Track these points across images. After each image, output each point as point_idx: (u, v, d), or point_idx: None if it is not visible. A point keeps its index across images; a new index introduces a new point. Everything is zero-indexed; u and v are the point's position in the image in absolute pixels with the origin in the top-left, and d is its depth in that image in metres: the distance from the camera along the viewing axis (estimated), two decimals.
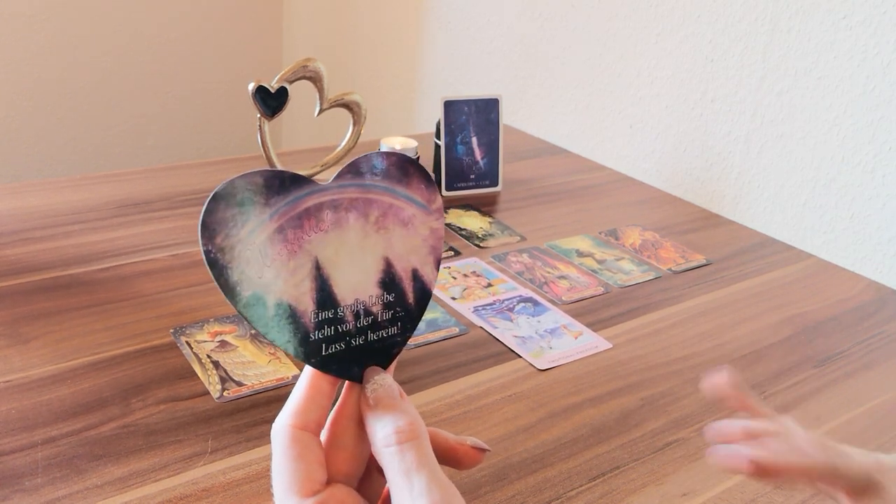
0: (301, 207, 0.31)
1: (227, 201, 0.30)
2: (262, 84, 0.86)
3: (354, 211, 0.33)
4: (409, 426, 0.30)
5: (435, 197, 0.35)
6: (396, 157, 0.34)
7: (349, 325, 0.33)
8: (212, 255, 0.30)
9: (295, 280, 0.31)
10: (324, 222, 0.32)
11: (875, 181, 0.94)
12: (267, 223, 0.31)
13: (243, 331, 0.70)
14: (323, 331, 0.32)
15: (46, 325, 0.68)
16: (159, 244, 0.85)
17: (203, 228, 0.30)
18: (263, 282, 0.31)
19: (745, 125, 1.08)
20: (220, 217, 0.30)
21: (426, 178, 0.35)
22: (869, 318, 0.84)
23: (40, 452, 0.54)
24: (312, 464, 0.31)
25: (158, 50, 1.96)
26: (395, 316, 0.34)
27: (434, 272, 0.35)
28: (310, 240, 0.32)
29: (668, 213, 1.08)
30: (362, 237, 0.33)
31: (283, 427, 0.31)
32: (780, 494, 0.57)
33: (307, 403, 0.32)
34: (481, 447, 0.35)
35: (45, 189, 0.95)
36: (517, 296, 0.81)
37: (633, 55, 1.22)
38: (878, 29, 0.92)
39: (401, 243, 0.34)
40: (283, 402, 0.62)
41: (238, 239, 0.30)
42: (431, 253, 0.35)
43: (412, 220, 0.34)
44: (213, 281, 0.30)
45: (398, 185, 0.34)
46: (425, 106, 1.66)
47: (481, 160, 1.07)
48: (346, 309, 0.33)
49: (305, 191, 0.31)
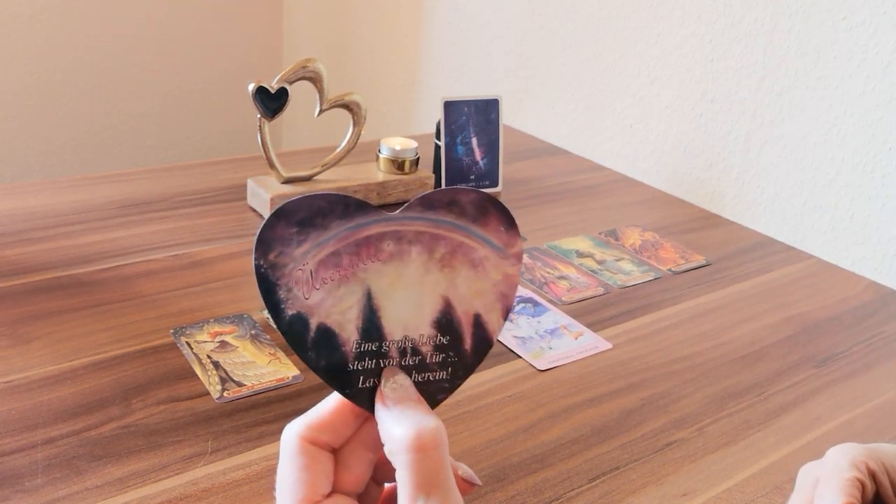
0: (361, 234, 0.30)
1: (287, 219, 0.29)
2: (262, 84, 0.86)
3: (419, 245, 0.31)
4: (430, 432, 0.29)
5: (515, 242, 0.33)
6: (476, 194, 0.32)
7: (392, 361, 0.31)
8: (262, 270, 0.29)
9: (342, 307, 0.30)
10: (383, 252, 0.31)
11: (875, 181, 0.94)
12: (324, 246, 0.30)
13: (243, 331, 0.70)
14: (363, 362, 0.31)
15: (47, 325, 0.68)
16: (160, 244, 0.85)
17: (259, 242, 0.29)
18: (309, 303, 0.30)
19: (745, 125, 1.08)
20: (279, 234, 0.29)
21: (507, 220, 0.33)
22: (869, 318, 0.84)
23: (40, 453, 0.54)
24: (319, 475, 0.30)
25: (158, 50, 1.96)
26: (446, 360, 0.32)
27: (500, 322, 0.33)
28: (365, 268, 0.30)
29: (668, 214, 1.08)
30: (423, 273, 0.31)
31: (293, 437, 0.31)
32: (780, 494, 0.57)
33: (326, 425, 0.31)
34: (473, 480, 0.33)
35: (45, 189, 0.95)
36: (517, 296, 0.81)
37: (633, 55, 1.22)
38: (878, 29, 0.92)
39: (466, 285, 0.32)
40: (283, 402, 0.62)
41: (292, 258, 0.30)
42: (500, 300, 0.33)
43: (483, 262, 0.32)
44: (260, 296, 0.30)
45: (473, 223, 0.32)
46: (425, 106, 1.66)
47: (481, 160, 1.07)
48: (391, 344, 0.31)
49: (369, 219, 0.30)
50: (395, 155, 0.98)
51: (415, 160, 1.00)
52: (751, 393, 0.69)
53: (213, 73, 2.06)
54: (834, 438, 0.64)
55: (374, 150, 1.01)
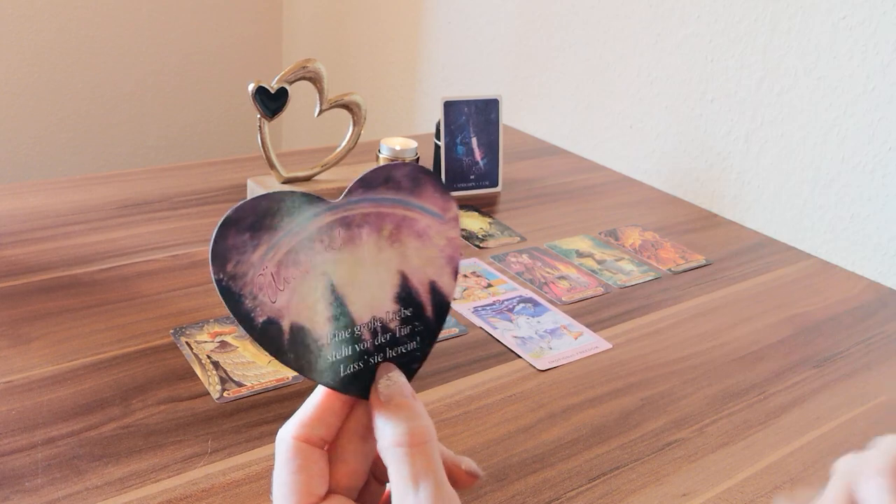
0: (312, 227, 0.30)
1: (236, 227, 0.29)
2: (262, 84, 0.86)
3: (367, 226, 0.32)
4: (420, 429, 0.29)
5: (450, 205, 0.34)
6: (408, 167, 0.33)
7: (367, 343, 0.32)
8: (224, 284, 0.29)
9: (309, 302, 0.31)
10: (336, 240, 0.31)
11: (875, 181, 0.94)
12: (277, 246, 0.30)
13: (243, 331, 0.70)
14: (340, 351, 0.31)
15: (47, 325, 0.68)
16: (160, 245, 0.85)
17: (214, 256, 0.29)
18: (277, 306, 0.30)
19: (745, 125, 1.08)
20: (231, 244, 0.29)
21: (440, 187, 0.34)
22: (869, 318, 0.84)
23: (40, 453, 0.54)
24: (313, 476, 0.30)
25: (159, 50, 1.96)
26: (413, 330, 0.33)
27: (452, 282, 0.34)
28: (323, 260, 0.31)
29: (667, 214, 1.08)
30: (376, 252, 0.32)
31: (286, 438, 0.31)
32: (779, 494, 0.57)
33: (316, 420, 0.31)
34: (475, 472, 0.34)
35: (45, 189, 0.95)
36: (517, 296, 0.81)
37: (633, 55, 1.22)
38: (878, 29, 0.92)
39: (416, 256, 0.33)
40: (282, 402, 0.62)
41: (250, 265, 0.29)
42: (449, 263, 0.34)
43: (427, 231, 0.33)
44: (228, 310, 0.29)
45: (410, 195, 0.33)
46: (425, 106, 1.66)
47: (481, 160, 1.07)
48: (362, 327, 0.32)
49: (315, 210, 0.30)
50: (395, 155, 0.98)
51: (415, 160, 1.00)
52: (751, 393, 0.69)
53: (214, 74, 2.06)
54: (834, 438, 0.64)
55: (374, 150, 1.01)
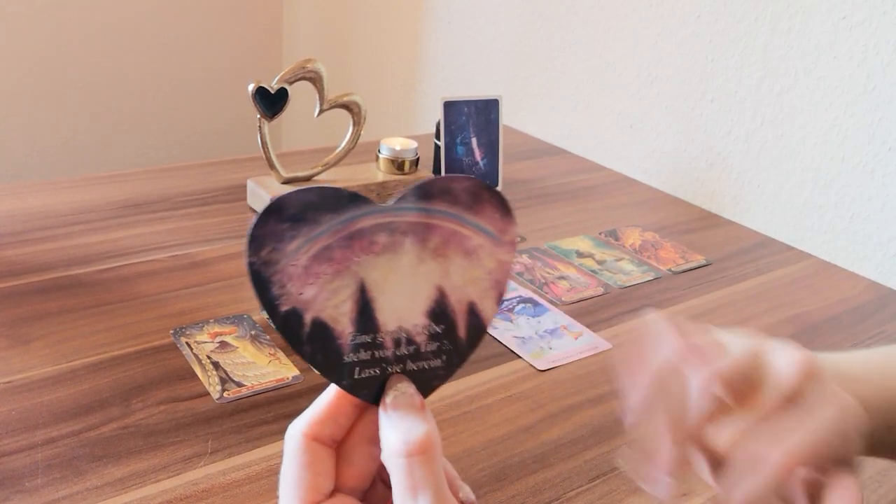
0: (354, 227, 0.30)
1: (279, 215, 0.29)
2: (262, 85, 0.86)
3: (412, 235, 0.31)
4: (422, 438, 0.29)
5: (509, 228, 0.32)
6: (470, 181, 0.32)
7: (387, 351, 0.31)
8: (255, 267, 0.29)
9: (336, 300, 0.30)
10: (376, 245, 0.30)
11: (875, 181, 0.94)
12: (316, 241, 0.30)
13: (243, 332, 0.70)
14: (358, 354, 0.31)
15: (47, 325, 0.68)
16: (160, 245, 0.85)
17: (251, 240, 0.29)
18: (303, 298, 0.30)
19: (745, 125, 1.08)
20: (270, 230, 0.29)
21: (502, 207, 0.32)
22: (869, 318, 0.84)
23: (40, 453, 0.54)
24: (320, 474, 0.30)
25: (158, 50, 1.96)
26: (440, 349, 0.32)
27: (494, 308, 0.33)
28: (358, 261, 0.30)
29: (667, 214, 1.08)
30: (416, 263, 0.31)
31: (295, 435, 0.31)
32: None
33: (326, 419, 0.31)
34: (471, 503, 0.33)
35: (45, 189, 0.95)
36: (517, 296, 0.81)
37: (633, 55, 1.22)
38: (878, 29, 0.92)
39: (459, 274, 0.32)
40: (282, 403, 0.62)
41: (284, 254, 0.29)
42: (494, 287, 0.33)
43: (477, 250, 0.32)
44: (254, 293, 0.29)
45: (467, 211, 0.32)
46: (425, 106, 1.66)
47: (481, 161, 1.07)
48: (386, 335, 0.31)
49: (361, 211, 0.30)
50: (394, 155, 0.98)
51: (415, 160, 1.00)
52: None
53: (214, 74, 2.06)
54: None
55: (374, 150, 1.01)
